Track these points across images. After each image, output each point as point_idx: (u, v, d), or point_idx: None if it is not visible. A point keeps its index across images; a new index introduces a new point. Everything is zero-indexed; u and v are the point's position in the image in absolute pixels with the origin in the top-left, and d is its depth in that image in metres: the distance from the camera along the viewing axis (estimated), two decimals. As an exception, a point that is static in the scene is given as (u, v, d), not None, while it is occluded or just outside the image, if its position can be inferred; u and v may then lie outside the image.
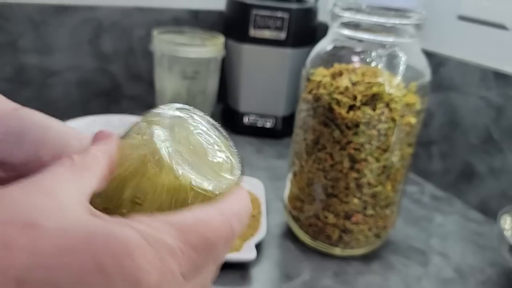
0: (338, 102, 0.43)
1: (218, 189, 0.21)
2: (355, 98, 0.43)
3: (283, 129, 0.80)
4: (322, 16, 0.81)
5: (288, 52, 0.75)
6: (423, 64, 0.47)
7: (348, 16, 0.44)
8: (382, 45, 0.45)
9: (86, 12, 0.75)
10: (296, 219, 0.52)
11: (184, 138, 0.23)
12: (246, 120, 0.79)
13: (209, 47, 0.74)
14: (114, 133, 0.22)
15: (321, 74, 0.46)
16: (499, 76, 0.58)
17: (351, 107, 0.43)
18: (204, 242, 0.18)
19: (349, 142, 0.44)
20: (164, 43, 0.72)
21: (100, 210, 0.19)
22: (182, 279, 0.17)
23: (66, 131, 0.25)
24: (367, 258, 0.51)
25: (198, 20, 0.85)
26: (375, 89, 0.42)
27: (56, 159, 0.22)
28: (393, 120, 0.43)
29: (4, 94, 0.25)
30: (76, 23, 0.75)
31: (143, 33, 0.81)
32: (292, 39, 0.74)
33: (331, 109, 0.44)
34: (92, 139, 0.22)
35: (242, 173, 0.23)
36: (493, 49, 0.61)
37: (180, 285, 0.17)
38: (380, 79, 0.43)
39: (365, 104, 0.43)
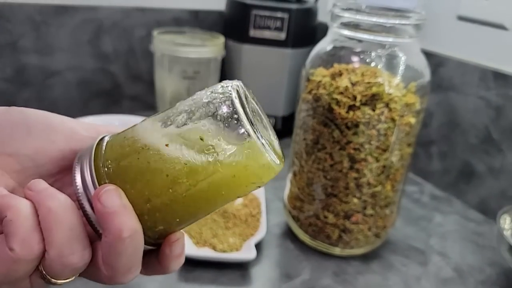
0: (338, 102, 0.44)
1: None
2: (354, 98, 0.43)
3: (283, 129, 0.80)
4: (322, 16, 0.81)
5: (288, 52, 0.75)
6: (422, 64, 0.47)
7: (347, 16, 0.44)
8: (382, 45, 0.45)
9: (86, 12, 0.75)
10: (296, 219, 0.52)
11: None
12: (246, 120, 0.79)
13: (209, 47, 0.74)
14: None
15: (321, 74, 0.46)
16: (498, 76, 0.58)
17: (351, 107, 0.43)
18: None
19: (348, 142, 0.44)
20: (164, 43, 0.72)
21: None
22: None
23: (66, 118, 0.26)
24: (366, 258, 0.51)
25: (198, 20, 0.85)
26: (374, 89, 0.42)
27: (70, 142, 0.25)
28: (393, 120, 0.43)
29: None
30: (76, 23, 0.75)
31: (144, 33, 0.81)
32: (292, 39, 0.74)
33: (330, 109, 0.44)
34: None
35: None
36: (492, 49, 0.61)
37: None
38: (379, 79, 0.43)
39: (364, 104, 0.43)
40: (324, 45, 0.48)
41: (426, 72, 0.46)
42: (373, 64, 0.44)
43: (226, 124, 0.22)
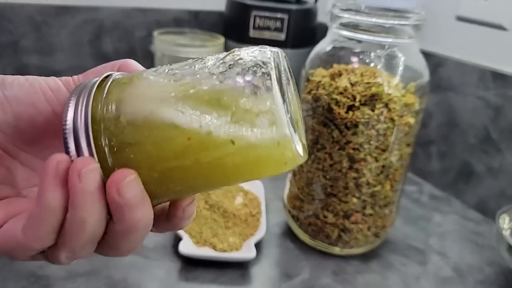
0: (337, 102, 0.44)
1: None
2: (354, 98, 0.43)
3: (283, 129, 0.80)
4: (322, 17, 0.81)
5: (287, 53, 0.75)
6: (421, 65, 0.47)
7: (347, 16, 0.45)
8: (381, 46, 0.45)
9: (87, 12, 0.76)
10: (295, 219, 0.52)
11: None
12: (246, 120, 0.79)
13: (209, 48, 0.74)
14: None
15: (321, 74, 0.46)
16: (497, 76, 0.59)
17: (350, 107, 0.43)
18: None
19: (348, 142, 0.44)
20: (164, 43, 0.72)
21: None
22: None
23: (50, 78, 0.25)
24: (366, 257, 0.51)
25: (199, 21, 0.85)
26: (374, 90, 0.43)
27: (51, 102, 0.23)
28: (392, 120, 0.44)
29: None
30: (77, 24, 0.75)
31: (144, 33, 0.81)
32: (292, 40, 0.75)
33: (330, 109, 0.44)
34: None
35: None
36: (491, 49, 0.61)
37: None
38: (379, 80, 0.43)
39: (364, 104, 0.43)
40: (323, 46, 0.49)
41: (425, 72, 0.47)
42: (372, 65, 0.45)
43: (258, 97, 0.19)
